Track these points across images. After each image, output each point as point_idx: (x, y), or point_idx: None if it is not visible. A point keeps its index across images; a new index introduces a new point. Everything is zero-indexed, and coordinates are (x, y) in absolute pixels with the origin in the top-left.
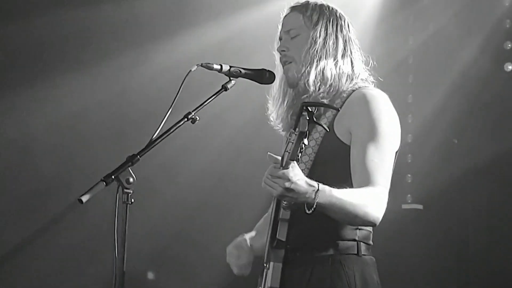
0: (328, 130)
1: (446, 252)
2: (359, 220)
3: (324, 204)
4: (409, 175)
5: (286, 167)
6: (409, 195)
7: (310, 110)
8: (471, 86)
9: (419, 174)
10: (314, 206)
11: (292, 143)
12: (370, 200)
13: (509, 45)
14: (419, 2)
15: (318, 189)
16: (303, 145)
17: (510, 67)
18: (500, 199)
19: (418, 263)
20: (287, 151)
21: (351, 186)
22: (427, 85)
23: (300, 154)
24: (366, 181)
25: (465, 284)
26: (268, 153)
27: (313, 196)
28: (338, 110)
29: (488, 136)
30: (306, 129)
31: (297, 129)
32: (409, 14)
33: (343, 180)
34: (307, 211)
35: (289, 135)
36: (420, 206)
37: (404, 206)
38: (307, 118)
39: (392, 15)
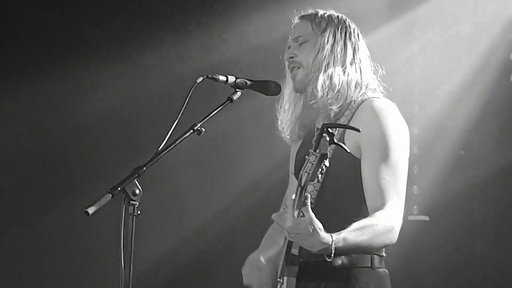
0: (348, 151)
1: (453, 263)
2: (377, 248)
3: (341, 252)
4: (415, 187)
5: (302, 199)
6: (415, 207)
7: (330, 131)
8: (477, 97)
9: (425, 186)
10: (332, 257)
11: (312, 164)
12: (384, 228)
13: None
14: (423, 12)
15: (333, 246)
16: (324, 166)
17: None
18: (507, 210)
19: (426, 275)
20: (307, 172)
21: (363, 200)
22: (433, 96)
23: (320, 176)
24: (380, 201)
25: None
26: (273, 216)
27: (330, 252)
28: (359, 131)
29: (495, 147)
30: (328, 151)
31: (317, 150)
32: (414, 24)
33: (355, 194)
34: (327, 259)
35: (308, 154)
36: (427, 218)
37: (411, 218)
38: (327, 139)
39: (397, 25)
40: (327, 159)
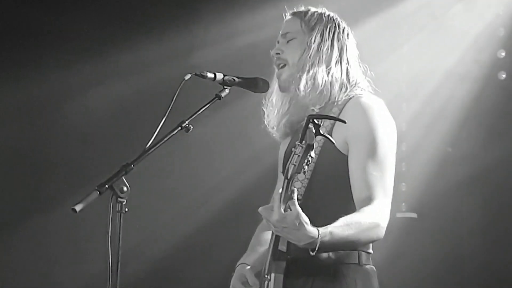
0: (334, 143)
1: (441, 260)
2: (364, 244)
3: (326, 248)
4: (403, 184)
5: (288, 194)
6: (403, 204)
7: (316, 122)
8: (465, 95)
9: (413, 183)
10: (315, 252)
11: (298, 155)
12: (370, 223)
13: (503, 54)
14: (412, 11)
15: (319, 239)
16: (310, 158)
17: (504, 76)
18: (495, 207)
19: (413, 272)
20: (293, 164)
21: (351, 196)
22: (421, 94)
23: (306, 167)
24: (367, 196)
25: None
26: (259, 209)
27: (315, 246)
28: (345, 123)
29: (482, 145)
30: (314, 142)
31: (303, 141)
32: (403, 23)
33: (343, 190)
34: (311, 253)
35: (295, 147)
36: (415, 215)
37: (399, 215)
38: (313, 130)
39: (385, 24)
40: (313, 150)
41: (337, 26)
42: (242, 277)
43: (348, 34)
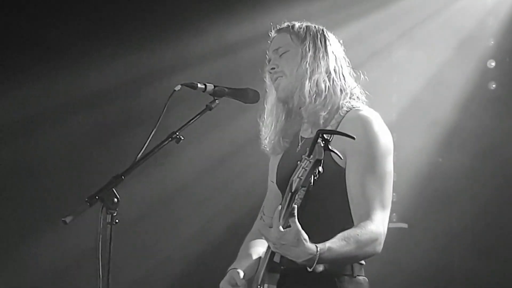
0: (342, 158)
1: (432, 270)
2: (362, 259)
3: (325, 262)
4: (394, 194)
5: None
6: (394, 214)
7: (325, 137)
8: (455, 105)
9: (404, 193)
10: (313, 268)
11: (305, 169)
12: (369, 238)
13: (493, 64)
14: (399, 16)
15: (317, 256)
16: (318, 172)
17: (494, 86)
18: (484, 217)
19: (404, 282)
20: (299, 177)
21: (348, 209)
22: (411, 103)
23: (312, 182)
24: (365, 211)
25: None
26: (259, 229)
27: (313, 262)
28: (354, 139)
29: (473, 156)
30: (322, 157)
31: (311, 156)
32: (394, 30)
33: (340, 204)
34: (309, 269)
35: (301, 160)
36: (405, 225)
37: (389, 225)
38: (322, 145)
39: (376, 30)
40: (321, 165)
41: (326, 35)
42: (232, 279)
43: (337, 42)
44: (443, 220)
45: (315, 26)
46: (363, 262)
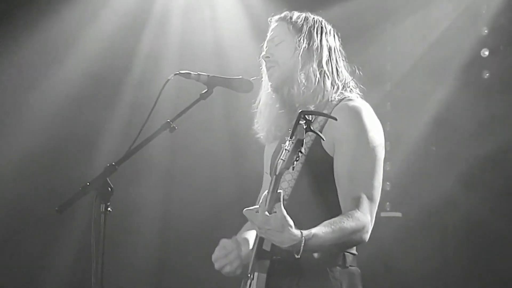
0: (324, 139)
1: (425, 259)
2: (348, 247)
3: (310, 250)
4: (388, 183)
5: (273, 201)
6: (388, 203)
7: (307, 118)
8: (448, 94)
9: (397, 182)
10: (300, 254)
11: (288, 150)
12: (355, 227)
13: (486, 52)
14: (394, 7)
15: (302, 242)
16: (299, 153)
17: (487, 75)
18: (479, 206)
19: (397, 272)
20: (282, 159)
21: (336, 198)
22: (405, 92)
23: (295, 163)
24: (353, 200)
25: None
26: (244, 211)
27: (299, 248)
28: (336, 120)
29: (467, 144)
30: (304, 137)
31: (293, 137)
32: (387, 23)
33: (329, 192)
34: (296, 256)
35: (284, 142)
36: (399, 214)
37: (383, 214)
38: (304, 126)
39: (370, 24)
40: (303, 146)
41: (324, 26)
42: (222, 248)
43: (334, 35)
44: (437, 209)
45: (313, 18)
46: (355, 252)
